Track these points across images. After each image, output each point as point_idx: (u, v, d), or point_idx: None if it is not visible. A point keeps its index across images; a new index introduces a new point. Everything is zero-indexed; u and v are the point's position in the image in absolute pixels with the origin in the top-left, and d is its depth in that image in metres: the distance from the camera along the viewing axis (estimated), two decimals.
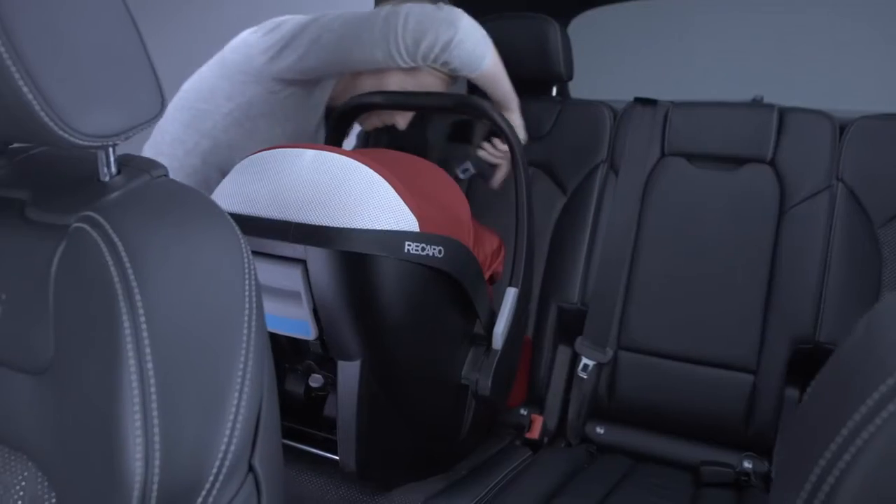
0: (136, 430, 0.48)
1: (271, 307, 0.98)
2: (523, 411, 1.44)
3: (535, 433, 1.37)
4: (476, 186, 1.58)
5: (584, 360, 1.41)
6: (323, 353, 1.02)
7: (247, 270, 0.56)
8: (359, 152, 1.04)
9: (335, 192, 0.92)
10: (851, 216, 1.30)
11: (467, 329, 1.12)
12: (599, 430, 1.41)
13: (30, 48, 0.50)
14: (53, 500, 0.57)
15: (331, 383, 1.07)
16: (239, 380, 0.52)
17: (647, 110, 1.49)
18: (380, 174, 0.94)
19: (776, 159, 1.37)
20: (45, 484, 0.59)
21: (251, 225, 0.94)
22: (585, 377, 1.40)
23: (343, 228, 0.89)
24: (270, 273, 0.96)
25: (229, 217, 0.59)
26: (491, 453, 1.30)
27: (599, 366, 1.40)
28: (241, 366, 0.53)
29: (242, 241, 0.57)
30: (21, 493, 0.60)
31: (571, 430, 1.41)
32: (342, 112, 1.28)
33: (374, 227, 0.90)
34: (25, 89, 0.50)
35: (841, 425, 0.41)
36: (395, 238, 0.92)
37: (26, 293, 0.58)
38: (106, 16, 0.54)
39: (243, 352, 0.53)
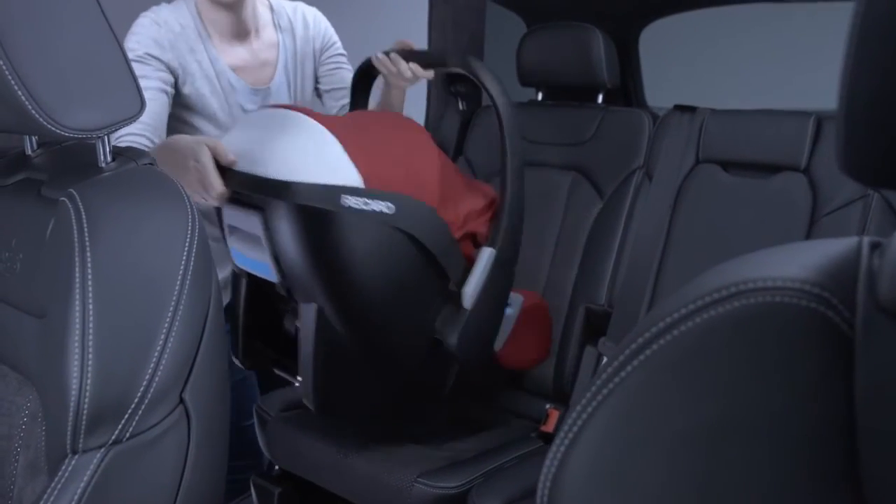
0: (76, 356, 0.61)
1: (244, 249, 1.13)
2: (547, 406, 1.49)
3: (549, 427, 1.42)
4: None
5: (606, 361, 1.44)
6: (289, 296, 1.14)
7: (188, 239, 0.69)
8: (337, 117, 1.17)
9: (289, 148, 1.04)
10: (884, 227, 1.26)
11: (440, 285, 1.17)
12: None
13: (24, 61, 0.65)
14: (41, 417, 0.73)
15: None
16: (167, 323, 0.65)
17: (685, 117, 1.50)
18: (334, 134, 1.05)
19: (811, 167, 1.35)
20: (40, 405, 0.74)
21: (229, 175, 1.07)
22: None
23: (284, 181, 1.01)
24: (240, 218, 1.11)
25: (185, 195, 0.72)
26: (502, 441, 1.37)
27: None
28: (171, 312, 0.65)
29: (191, 215, 0.70)
30: (26, 412, 0.76)
31: None
32: (358, 72, 1.38)
33: (314, 181, 1.01)
34: (20, 93, 0.65)
35: (592, 384, 0.46)
36: (332, 191, 1.01)
37: (34, 254, 0.74)
38: (89, 31, 0.69)
39: (174, 300, 0.66)
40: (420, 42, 1.72)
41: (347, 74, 1.52)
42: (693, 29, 2.21)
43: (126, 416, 0.63)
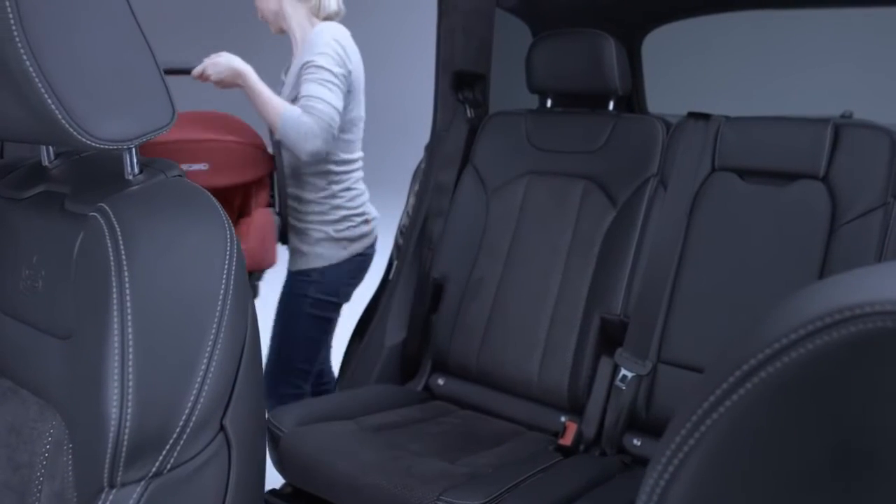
0: (115, 383, 0.58)
1: None
2: (562, 418, 1.46)
3: (567, 440, 1.39)
4: (529, 198, 1.63)
5: (624, 371, 1.42)
6: None
7: (228, 256, 0.65)
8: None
9: None
10: None
11: None
12: (636, 442, 1.41)
13: (55, 70, 0.61)
14: (70, 445, 0.68)
15: None
16: (209, 348, 0.61)
17: (699, 125, 1.49)
18: None
19: (829, 175, 1.34)
20: (67, 432, 0.70)
21: None
22: (624, 388, 1.41)
23: None
24: None
25: (222, 210, 0.68)
26: (520, 455, 1.34)
27: (639, 377, 1.41)
28: (212, 336, 0.61)
29: (228, 230, 0.67)
30: (49, 439, 0.72)
31: (608, 440, 1.42)
32: None
33: None
34: (50, 102, 0.61)
35: (691, 413, 0.44)
36: None
37: (59, 271, 0.70)
38: (121, 39, 0.65)
39: (215, 324, 0.62)
40: (428, 48, 1.70)
41: (306, 86, 1.65)
42: (695, 35, 2.21)
43: (167, 446, 0.59)
